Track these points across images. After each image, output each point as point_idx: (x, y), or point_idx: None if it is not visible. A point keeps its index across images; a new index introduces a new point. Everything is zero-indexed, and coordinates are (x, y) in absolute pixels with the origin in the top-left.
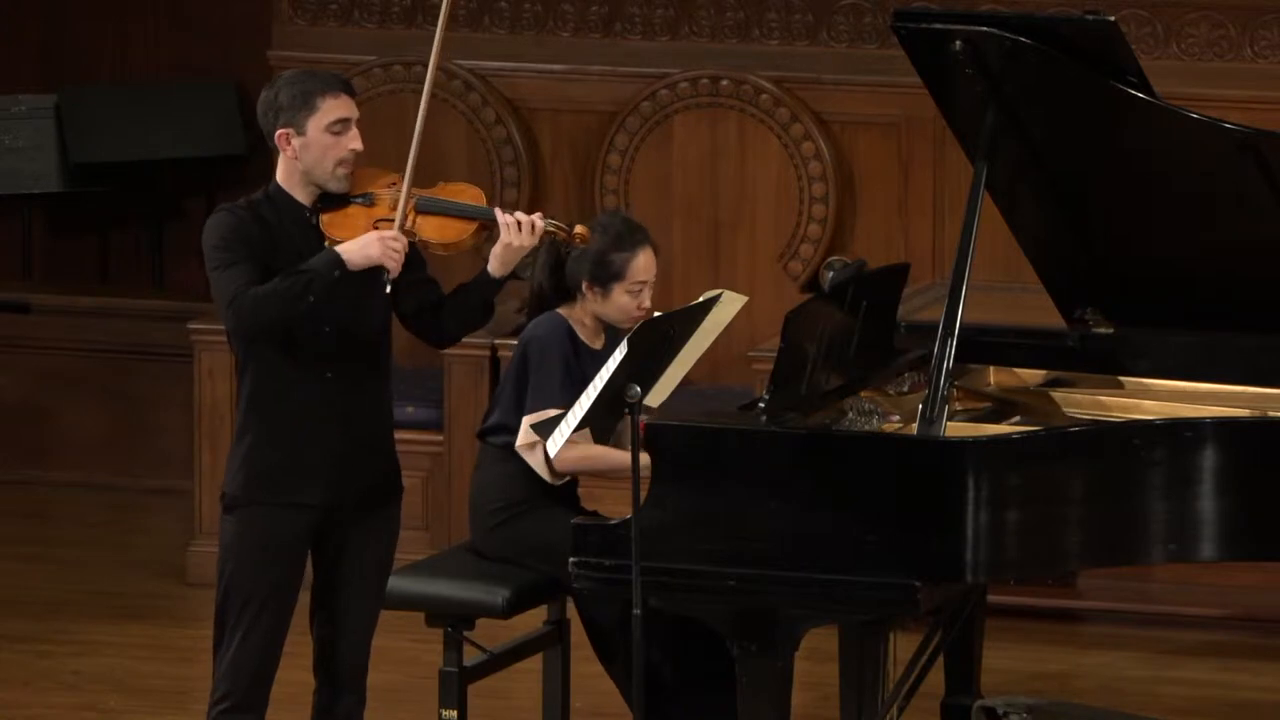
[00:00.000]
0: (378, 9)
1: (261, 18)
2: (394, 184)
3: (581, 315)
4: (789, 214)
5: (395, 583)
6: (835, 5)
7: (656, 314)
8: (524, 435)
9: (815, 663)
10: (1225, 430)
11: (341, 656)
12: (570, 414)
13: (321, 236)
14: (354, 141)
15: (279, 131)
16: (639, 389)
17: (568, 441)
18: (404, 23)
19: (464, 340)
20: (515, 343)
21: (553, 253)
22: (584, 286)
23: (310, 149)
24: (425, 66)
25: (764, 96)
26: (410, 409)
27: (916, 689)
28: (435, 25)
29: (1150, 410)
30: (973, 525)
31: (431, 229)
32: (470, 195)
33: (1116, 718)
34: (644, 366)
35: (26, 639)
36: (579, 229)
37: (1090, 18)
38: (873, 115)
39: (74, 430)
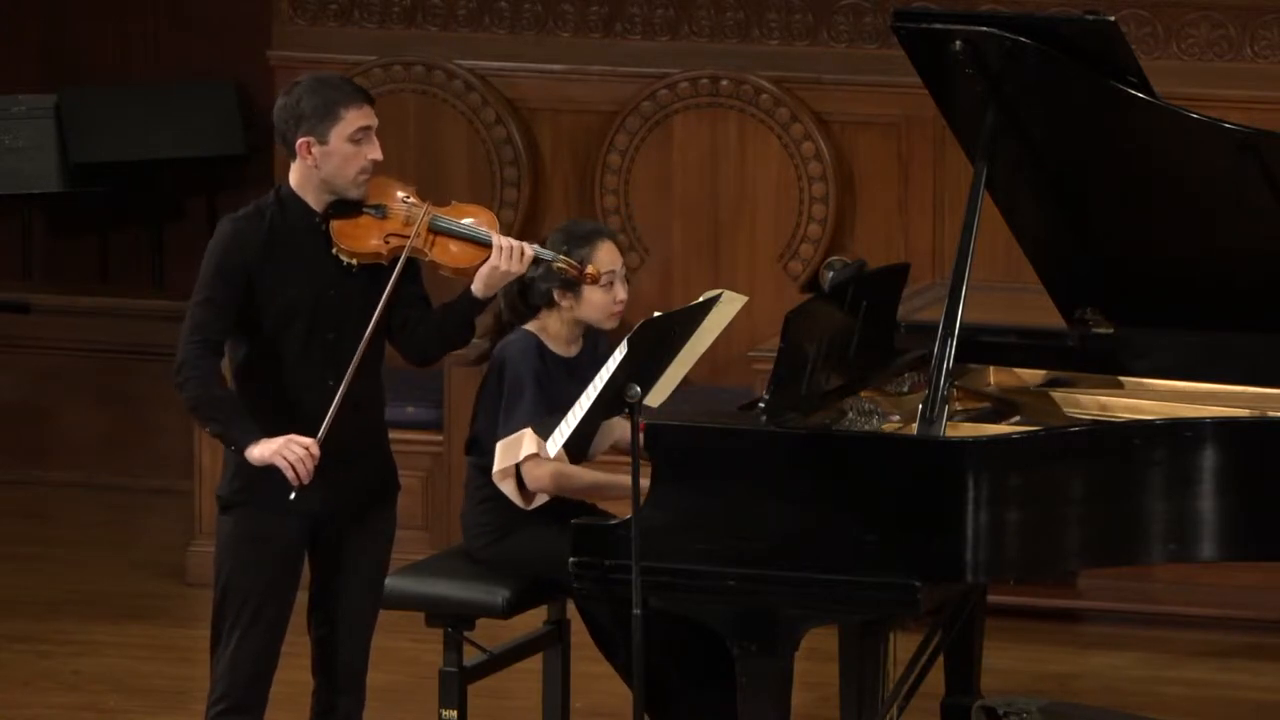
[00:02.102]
0: (378, 9)
1: (261, 18)
2: (408, 197)
3: (554, 326)
4: (789, 214)
5: (395, 583)
6: (835, 5)
7: (656, 314)
8: (499, 462)
9: (815, 663)
10: (1225, 430)
11: (340, 657)
12: (570, 414)
13: (329, 244)
14: (374, 151)
15: (300, 140)
16: (639, 389)
17: (539, 460)
18: (404, 23)
19: None
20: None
21: (514, 284)
22: (556, 295)
23: (332, 158)
24: (425, 67)
25: (764, 96)
26: (410, 409)
27: (916, 689)
28: (435, 26)
29: (1150, 410)
30: (973, 525)
31: (443, 251)
32: (485, 220)
33: (1116, 718)
34: (644, 366)
35: (26, 639)
36: (591, 268)
37: (1090, 18)
38: (873, 115)
39: (74, 430)
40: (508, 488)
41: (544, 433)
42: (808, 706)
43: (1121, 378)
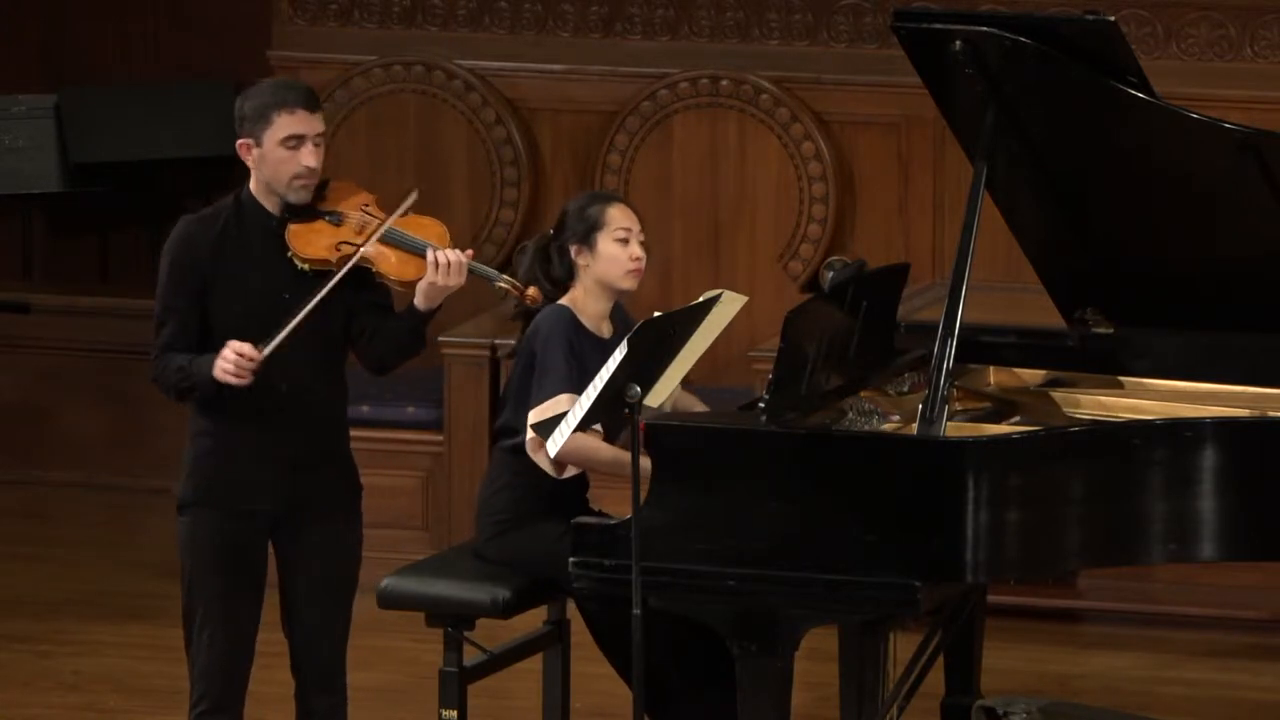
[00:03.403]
0: (378, 9)
1: (261, 18)
2: (366, 205)
3: (583, 299)
4: (789, 214)
5: (395, 583)
6: (835, 5)
7: (656, 314)
8: (531, 430)
9: (815, 663)
10: (1225, 430)
11: (313, 659)
12: (570, 414)
13: (284, 247)
14: (308, 158)
15: (240, 141)
16: (639, 389)
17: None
18: (404, 23)
19: (464, 339)
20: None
21: (537, 259)
22: (574, 254)
23: (266, 161)
24: (425, 67)
25: (764, 96)
26: (410, 409)
27: (916, 689)
28: (435, 26)
29: (1150, 410)
30: (973, 525)
31: (388, 263)
32: (435, 233)
33: (1116, 718)
34: (644, 366)
35: (26, 639)
36: (532, 290)
37: (1090, 18)
38: (873, 115)
39: (74, 430)
40: (541, 459)
41: (545, 431)
42: (808, 706)
43: (1121, 378)
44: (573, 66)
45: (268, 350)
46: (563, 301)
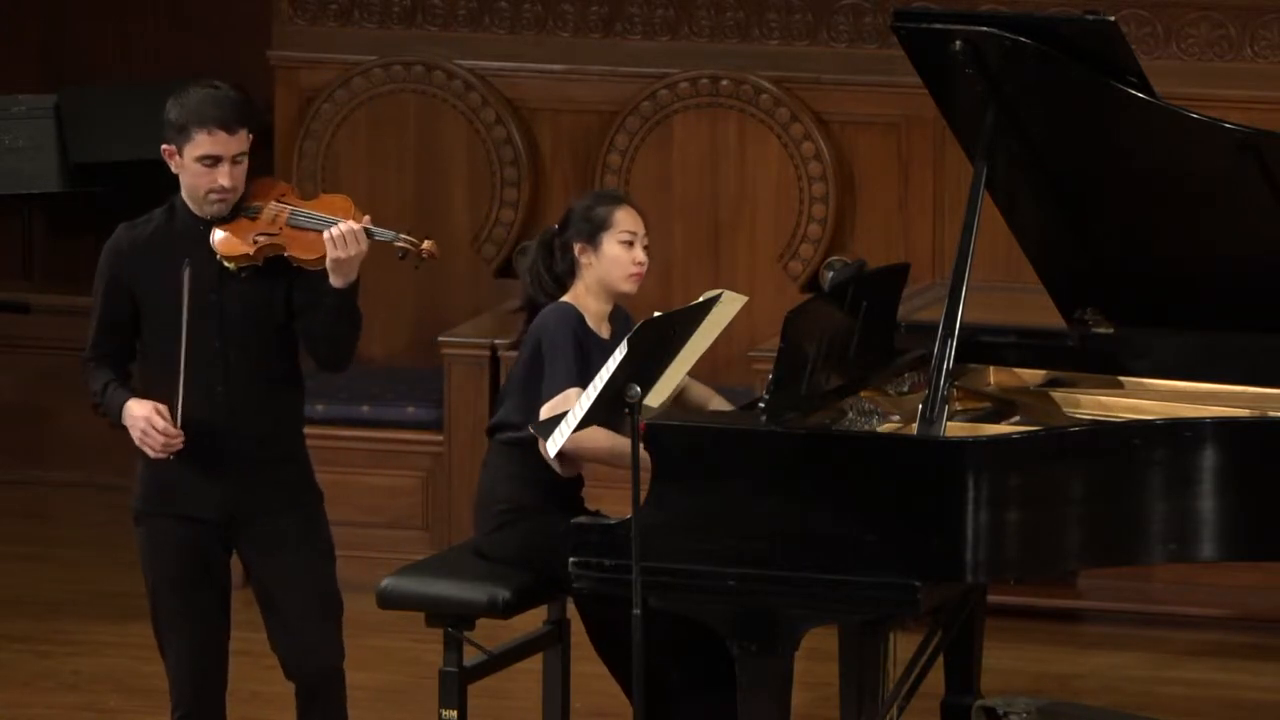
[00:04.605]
0: (378, 9)
1: (261, 18)
2: (283, 195)
3: (584, 297)
4: (789, 214)
5: (395, 583)
6: (835, 5)
7: (656, 314)
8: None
9: (815, 663)
10: (1225, 430)
11: (298, 664)
12: (570, 414)
13: (212, 252)
14: (223, 178)
15: (164, 145)
16: (639, 389)
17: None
18: (404, 23)
19: (464, 339)
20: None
21: (540, 253)
22: (577, 251)
23: (185, 172)
24: (425, 67)
25: (764, 96)
26: (410, 409)
27: (916, 689)
28: (435, 26)
29: (1150, 410)
30: (973, 525)
31: (301, 246)
32: (338, 207)
33: (1116, 718)
34: (644, 366)
35: (26, 639)
36: (427, 244)
37: (1090, 18)
38: (873, 115)
39: (74, 430)
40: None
41: (545, 432)
42: (808, 706)
43: (1121, 378)
44: (573, 66)
45: (180, 416)
46: (566, 299)
